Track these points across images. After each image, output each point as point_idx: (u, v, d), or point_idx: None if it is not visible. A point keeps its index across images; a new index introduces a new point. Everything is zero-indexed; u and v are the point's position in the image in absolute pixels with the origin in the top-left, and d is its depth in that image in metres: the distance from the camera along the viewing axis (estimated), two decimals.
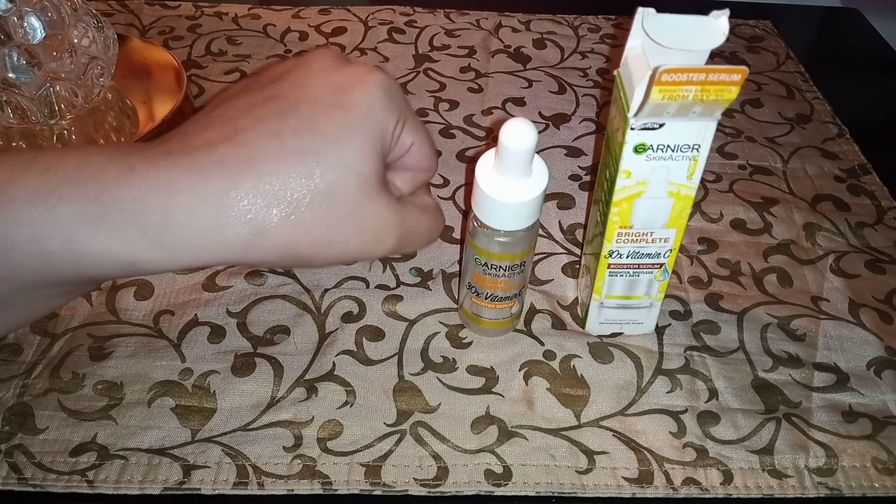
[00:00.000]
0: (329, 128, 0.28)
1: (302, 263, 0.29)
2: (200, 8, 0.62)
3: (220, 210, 0.27)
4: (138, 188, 0.26)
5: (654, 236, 0.33)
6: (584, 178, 0.47)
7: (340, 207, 0.28)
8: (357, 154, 0.28)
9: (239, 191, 0.27)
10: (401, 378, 0.35)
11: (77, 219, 0.25)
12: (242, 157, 0.27)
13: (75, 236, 0.25)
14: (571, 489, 0.31)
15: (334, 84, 0.30)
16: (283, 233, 0.28)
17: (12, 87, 0.40)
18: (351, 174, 0.28)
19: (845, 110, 0.54)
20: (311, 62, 0.32)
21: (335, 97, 0.29)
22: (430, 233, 0.33)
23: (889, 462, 0.33)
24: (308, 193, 0.28)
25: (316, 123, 0.28)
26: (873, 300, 0.40)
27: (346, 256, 0.30)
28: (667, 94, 0.26)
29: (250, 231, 0.27)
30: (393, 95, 0.30)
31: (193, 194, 0.26)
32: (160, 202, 0.26)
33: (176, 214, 0.26)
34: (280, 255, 0.28)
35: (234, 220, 0.27)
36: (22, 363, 0.35)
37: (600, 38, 0.61)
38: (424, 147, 0.33)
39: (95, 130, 0.45)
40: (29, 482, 0.31)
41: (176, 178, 0.26)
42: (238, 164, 0.27)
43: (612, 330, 0.37)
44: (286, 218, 0.27)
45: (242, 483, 0.31)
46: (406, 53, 0.58)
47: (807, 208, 0.45)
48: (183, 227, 0.26)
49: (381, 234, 0.30)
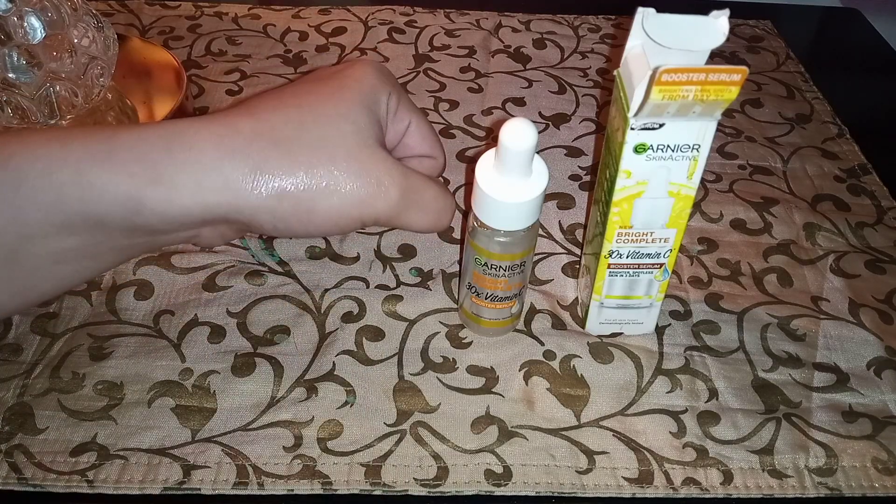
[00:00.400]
0: (323, 89, 0.31)
1: (301, 213, 0.30)
2: (200, 8, 0.62)
3: (219, 147, 0.28)
4: (146, 133, 0.28)
5: (654, 236, 0.33)
6: (584, 178, 0.47)
7: (337, 151, 0.29)
8: (350, 107, 0.30)
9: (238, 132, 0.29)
10: (401, 378, 0.35)
11: (87, 155, 0.27)
12: (242, 111, 0.30)
13: (83, 170, 0.27)
14: (571, 489, 0.31)
15: (330, 70, 0.33)
16: (280, 173, 0.29)
17: (12, 87, 0.40)
18: (345, 122, 0.30)
19: (845, 110, 0.54)
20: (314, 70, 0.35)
21: (331, 74, 0.32)
22: (439, 207, 0.33)
23: (889, 462, 0.33)
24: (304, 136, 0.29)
25: (312, 88, 0.31)
26: (873, 300, 0.40)
27: (346, 207, 0.30)
28: (667, 94, 0.26)
29: (249, 167, 0.28)
30: (385, 74, 0.33)
31: (196, 135, 0.28)
32: (164, 143, 0.28)
33: (178, 153, 0.28)
34: (277, 200, 0.29)
35: (233, 156, 0.28)
36: (22, 363, 0.35)
37: (600, 38, 0.61)
38: (423, 127, 0.34)
39: None
40: (29, 482, 0.31)
41: (181, 126, 0.29)
42: (238, 115, 0.30)
43: (612, 330, 0.37)
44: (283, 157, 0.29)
45: (242, 483, 0.31)
46: (406, 53, 0.58)
47: (807, 208, 0.45)
48: (184, 162, 0.28)
49: (381, 181, 0.30)
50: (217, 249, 0.40)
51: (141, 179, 0.27)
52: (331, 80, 0.32)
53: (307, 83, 0.32)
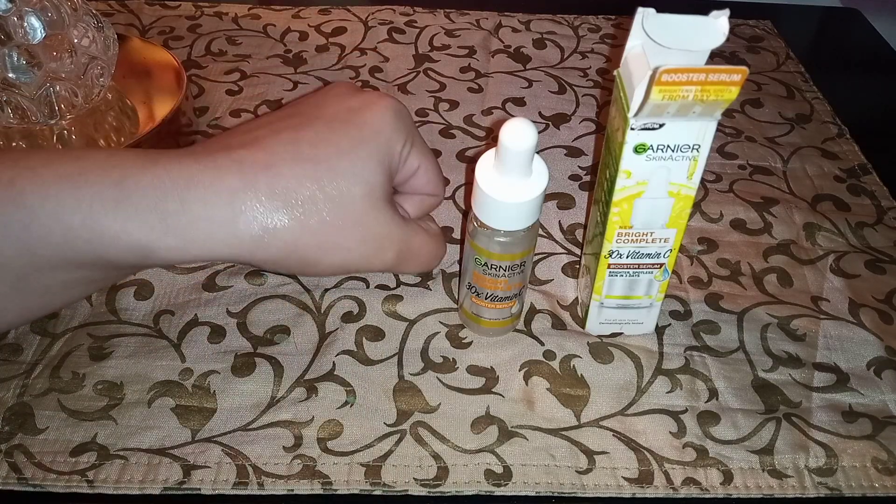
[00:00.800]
0: (342, 141, 0.30)
1: (305, 267, 0.31)
2: (200, 8, 0.62)
3: (234, 204, 0.28)
4: (160, 178, 0.28)
5: (654, 236, 0.33)
6: (584, 178, 0.47)
7: (347, 214, 0.30)
8: (365, 165, 0.30)
9: (254, 189, 0.28)
10: (401, 378, 0.35)
11: (99, 198, 0.27)
12: (260, 159, 0.29)
13: (95, 215, 0.27)
14: (571, 489, 0.31)
15: (348, 105, 0.32)
16: (291, 233, 0.29)
17: (12, 87, 0.40)
18: (358, 183, 0.30)
19: (845, 110, 0.54)
20: (328, 90, 0.34)
21: (348, 116, 0.31)
22: (429, 256, 0.35)
23: (889, 462, 0.33)
24: (318, 198, 0.29)
25: (330, 136, 0.30)
26: (873, 300, 0.40)
27: (348, 263, 0.31)
28: (667, 94, 0.26)
29: (261, 228, 0.28)
30: (402, 119, 0.32)
31: (211, 188, 0.28)
32: (178, 192, 0.27)
33: (192, 204, 0.27)
34: (286, 256, 0.29)
35: (246, 215, 0.28)
36: (22, 363, 0.35)
37: (600, 38, 0.61)
38: (431, 171, 0.34)
39: (95, 130, 0.45)
40: (29, 482, 0.31)
41: (196, 172, 0.28)
42: (255, 165, 0.29)
43: (612, 330, 0.37)
44: (296, 218, 0.29)
45: (242, 483, 0.31)
46: (406, 53, 0.58)
47: (807, 208, 0.45)
48: (198, 217, 0.28)
49: (382, 245, 0.31)
50: None
51: (153, 230, 0.27)
52: (349, 126, 0.31)
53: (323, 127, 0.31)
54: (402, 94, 0.53)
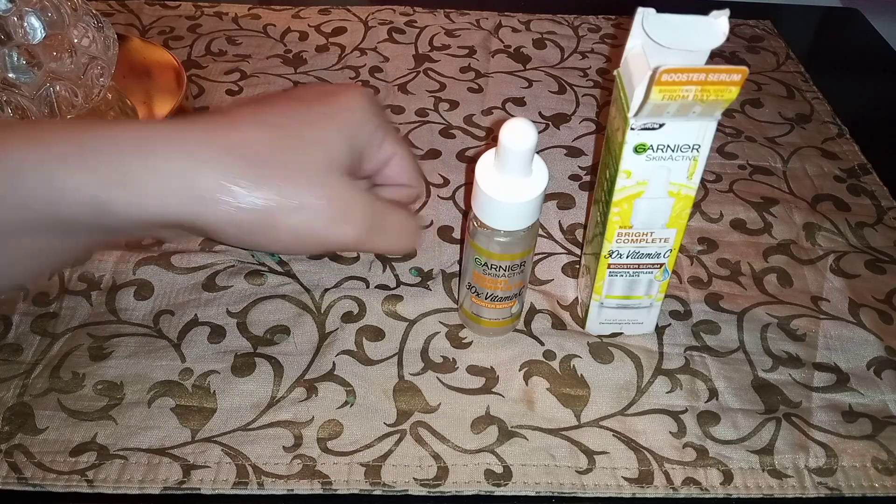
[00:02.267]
0: (309, 114, 0.31)
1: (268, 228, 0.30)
2: (200, 8, 0.62)
3: (190, 155, 0.28)
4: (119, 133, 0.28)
5: (654, 236, 0.33)
6: (584, 178, 0.47)
7: (307, 175, 0.30)
8: (331, 137, 0.30)
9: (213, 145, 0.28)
10: (401, 378, 0.35)
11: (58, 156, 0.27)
12: (223, 122, 0.29)
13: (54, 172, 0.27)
14: (571, 489, 0.31)
15: (323, 90, 0.33)
16: (251, 190, 0.28)
17: (12, 87, 0.40)
18: (322, 150, 0.30)
19: (845, 110, 0.54)
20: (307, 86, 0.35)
21: (321, 97, 0.32)
22: (399, 225, 0.33)
23: (889, 462, 0.33)
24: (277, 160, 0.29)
25: (298, 109, 0.31)
26: (873, 300, 0.40)
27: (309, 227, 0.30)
28: (667, 94, 0.26)
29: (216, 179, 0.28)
30: (374, 106, 0.33)
31: (171, 143, 0.28)
32: (135, 145, 0.28)
33: (149, 156, 0.28)
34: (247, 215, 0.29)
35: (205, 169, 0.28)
36: (22, 363, 0.35)
37: (600, 38, 0.61)
38: (406, 160, 0.34)
39: None
40: (29, 482, 0.31)
41: (157, 131, 0.28)
42: (218, 126, 0.29)
43: (612, 330, 0.37)
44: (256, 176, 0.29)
45: (242, 483, 0.31)
46: (406, 53, 0.58)
47: (807, 208, 0.45)
48: (153, 167, 0.27)
49: (347, 208, 0.31)
50: (217, 249, 0.40)
51: (107, 181, 0.27)
52: (319, 104, 0.32)
53: (297, 104, 0.32)
54: (403, 94, 0.53)
